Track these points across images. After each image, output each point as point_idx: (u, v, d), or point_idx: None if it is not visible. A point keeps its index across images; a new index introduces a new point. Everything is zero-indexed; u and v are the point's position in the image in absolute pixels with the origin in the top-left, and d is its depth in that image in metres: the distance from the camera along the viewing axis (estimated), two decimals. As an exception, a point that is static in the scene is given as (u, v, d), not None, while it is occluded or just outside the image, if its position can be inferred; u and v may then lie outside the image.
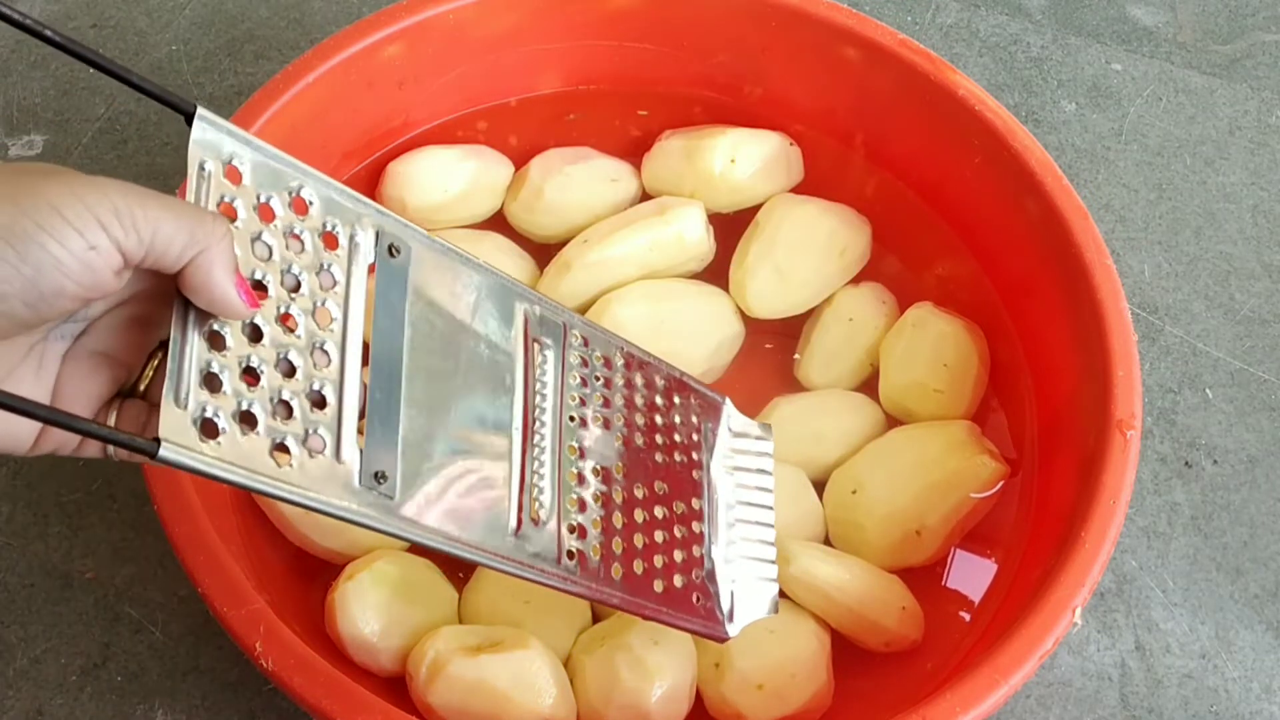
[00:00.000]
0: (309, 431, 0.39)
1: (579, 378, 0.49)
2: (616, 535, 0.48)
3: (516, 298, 0.48)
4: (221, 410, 0.36)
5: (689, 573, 0.51)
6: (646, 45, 0.71)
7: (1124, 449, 0.53)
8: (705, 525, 0.52)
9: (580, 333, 0.50)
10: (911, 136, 0.69)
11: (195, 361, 0.36)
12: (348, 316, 0.41)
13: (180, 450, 0.34)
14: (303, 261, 0.40)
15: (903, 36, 0.66)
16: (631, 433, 0.51)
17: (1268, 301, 0.76)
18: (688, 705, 0.55)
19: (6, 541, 0.64)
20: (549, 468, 0.47)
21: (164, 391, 0.35)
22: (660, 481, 0.51)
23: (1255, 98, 0.86)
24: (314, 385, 0.39)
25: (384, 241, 0.43)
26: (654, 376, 0.53)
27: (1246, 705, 0.62)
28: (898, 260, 0.71)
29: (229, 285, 0.35)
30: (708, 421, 0.55)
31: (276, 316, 0.39)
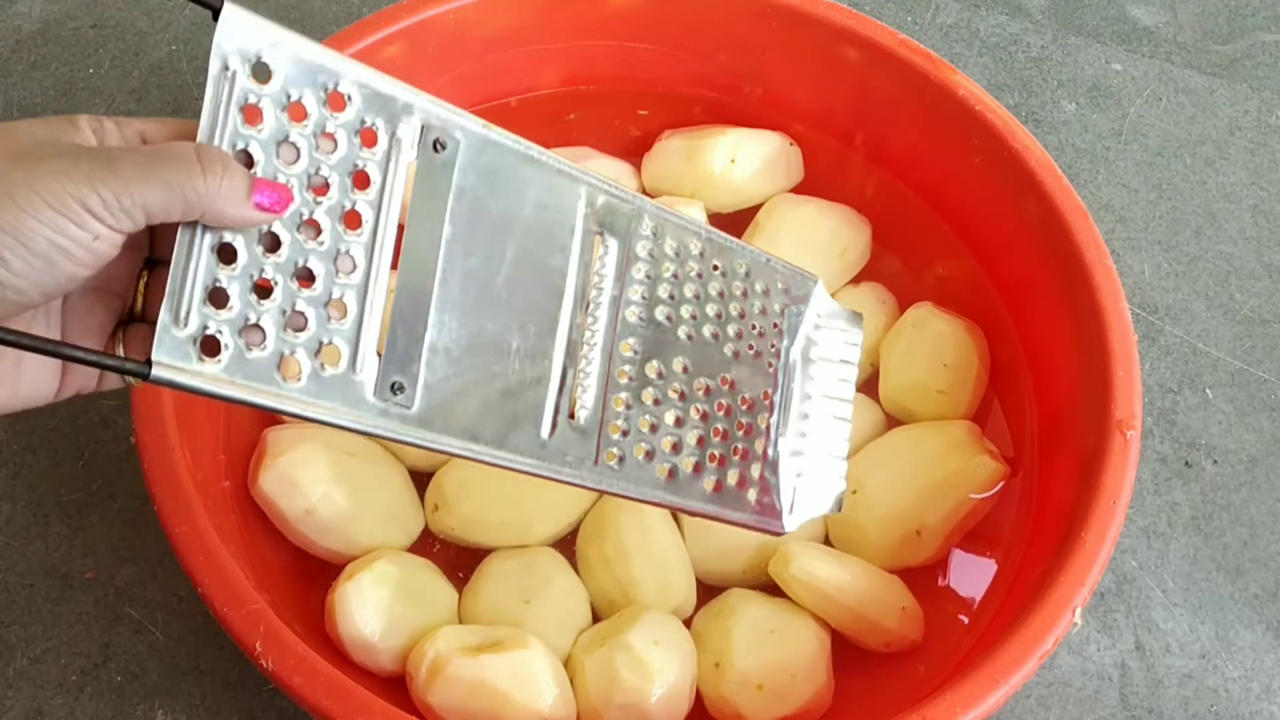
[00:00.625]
0: (323, 343, 0.37)
1: (645, 270, 0.46)
2: (667, 433, 0.46)
3: (581, 187, 0.45)
4: (226, 326, 0.35)
5: (747, 467, 0.49)
6: (646, 45, 0.71)
7: (1124, 449, 0.53)
8: (774, 416, 0.50)
9: (651, 221, 0.47)
10: (911, 136, 0.69)
11: (200, 278, 0.35)
12: (381, 219, 0.39)
13: (174, 370, 0.34)
14: (333, 162, 0.38)
15: (903, 36, 0.66)
16: (699, 325, 0.48)
17: (1268, 301, 0.76)
18: (688, 705, 0.55)
19: (6, 541, 0.64)
20: (598, 366, 0.44)
21: (162, 310, 0.34)
22: (728, 374, 0.49)
23: (1255, 98, 0.86)
24: (334, 293, 0.38)
25: (429, 136, 0.40)
26: (734, 262, 0.50)
27: (1246, 705, 0.62)
28: (898, 260, 0.71)
29: (244, 213, 0.35)
30: (793, 306, 0.52)
31: (299, 223, 0.37)
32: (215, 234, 0.35)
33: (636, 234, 0.46)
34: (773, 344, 0.51)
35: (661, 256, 0.47)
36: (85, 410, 0.67)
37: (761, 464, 0.49)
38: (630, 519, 0.59)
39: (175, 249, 0.35)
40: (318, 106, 0.38)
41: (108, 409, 0.67)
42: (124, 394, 0.63)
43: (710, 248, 0.49)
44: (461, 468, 0.61)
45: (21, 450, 0.66)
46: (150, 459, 0.51)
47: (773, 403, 0.50)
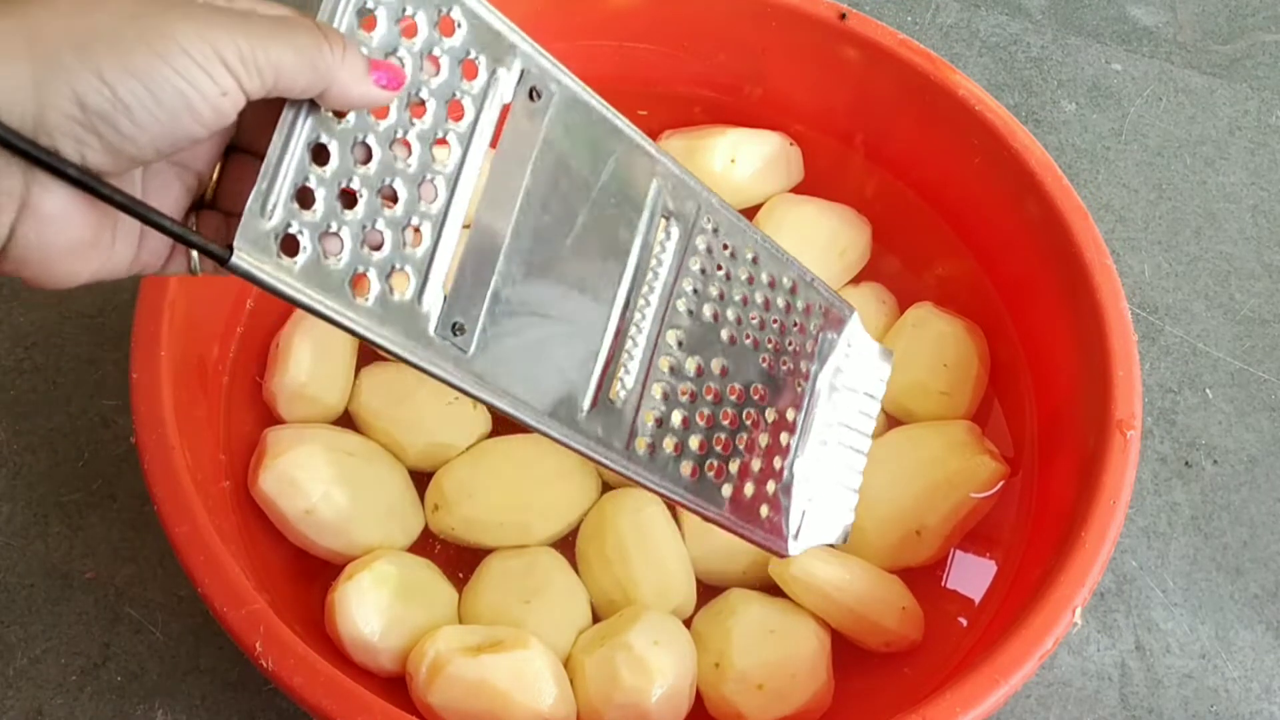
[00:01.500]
0: (395, 267, 0.37)
1: (700, 264, 0.46)
2: (697, 432, 0.46)
3: (656, 166, 0.44)
4: (308, 228, 0.35)
5: (764, 483, 0.49)
6: (646, 45, 0.71)
7: (1124, 449, 0.53)
8: (794, 438, 0.50)
9: (713, 218, 0.47)
10: (911, 136, 0.69)
11: (292, 173, 0.34)
12: (467, 155, 0.38)
13: (253, 262, 0.33)
14: (433, 86, 0.37)
15: (903, 36, 0.66)
16: (742, 330, 0.48)
17: (1268, 301, 0.76)
18: (688, 705, 0.55)
19: (6, 541, 0.64)
20: (642, 350, 0.44)
21: (250, 198, 0.33)
22: (759, 384, 0.49)
23: (1255, 98, 0.86)
24: (413, 219, 0.37)
25: (527, 82, 0.40)
26: (782, 275, 0.50)
27: (1246, 705, 0.62)
28: (898, 260, 0.71)
29: (367, 89, 0.34)
30: (828, 332, 0.52)
31: (392, 139, 0.37)
32: (314, 130, 0.35)
33: (699, 226, 0.46)
34: (804, 365, 0.51)
35: (718, 253, 0.47)
36: (85, 410, 0.67)
37: (777, 483, 0.49)
38: (630, 519, 0.59)
39: (274, 137, 0.34)
40: (428, 27, 0.37)
41: (108, 409, 0.67)
42: (124, 394, 0.63)
43: (764, 255, 0.49)
44: (462, 468, 0.61)
45: (21, 450, 0.66)
46: (150, 459, 0.51)
47: (795, 423, 0.50)
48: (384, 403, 0.62)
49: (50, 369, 0.69)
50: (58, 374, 0.69)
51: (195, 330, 0.58)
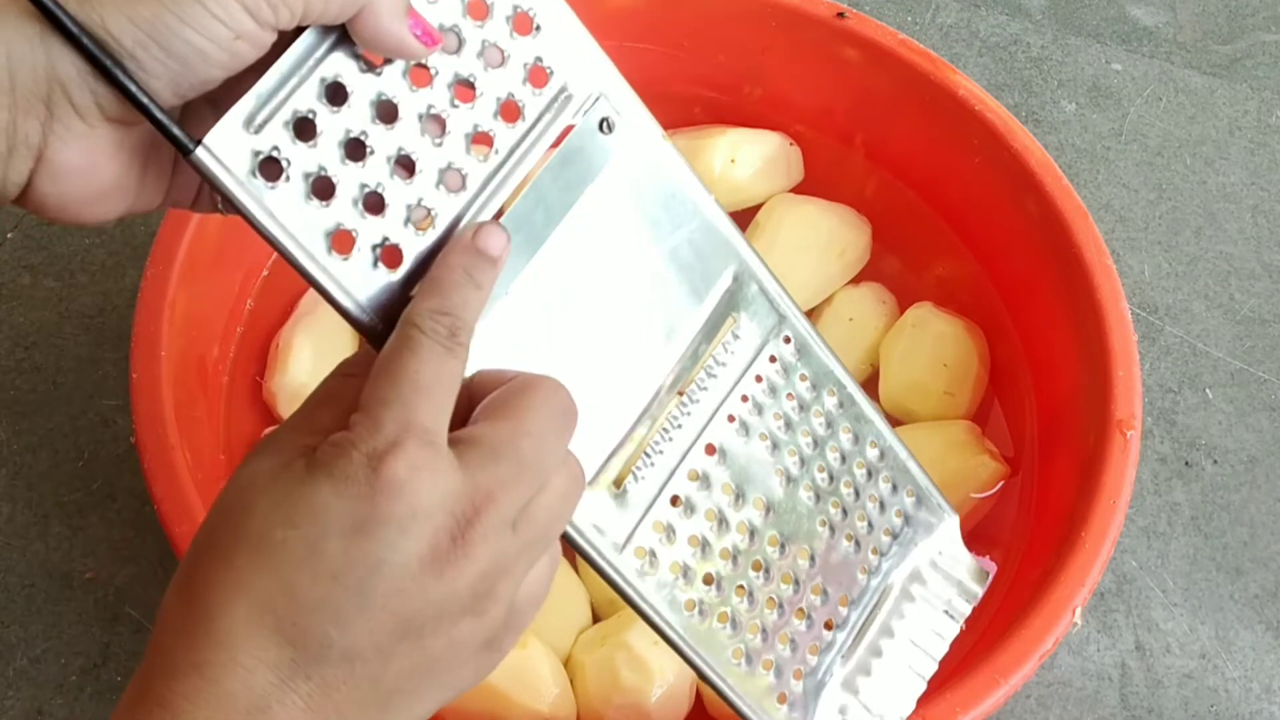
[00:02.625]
0: (388, 241, 0.33)
1: (769, 382, 0.40)
2: (714, 563, 0.39)
3: (739, 258, 0.39)
4: (296, 160, 0.31)
5: (787, 670, 0.41)
6: (646, 45, 0.71)
7: (1124, 449, 0.53)
8: (843, 634, 0.42)
9: (796, 339, 0.41)
10: (911, 136, 0.69)
11: (295, 97, 0.31)
12: (509, 163, 0.35)
13: (219, 167, 0.30)
14: (489, 77, 0.34)
15: (903, 36, 0.66)
16: (802, 474, 0.41)
17: (1268, 301, 0.76)
18: (688, 705, 0.55)
19: (6, 541, 0.64)
20: (673, 449, 0.38)
21: (237, 104, 0.31)
22: (809, 549, 0.41)
23: (1255, 98, 0.86)
24: (426, 202, 0.34)
25: (600, 111, 0.36)
26: (867, 438, 0.43)
27: (1246, 705, 0.62)
28: (898, 260, 0.71)
29: (401, 29, 0.32)
30: (915, 527, 0.45)
31: (424, 113, 0.33)
32: (335, 65, 0.32)
33: (777, 340, 0.41)
34: (873, 552, 0.43)
35: (794, 378, 0.41)
36: (85, 410, 0.67)
37: (804, 676, 0.42)
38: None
39: (285, 54, 0.31)
40: (503, 19, 0.34)
41: (108, 409, 0.67)
42: (124, 394, 0.63)
43: (852, 405, 0.43)
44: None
45: (21, 450, 0.66)
46: (150, 459, 0.51)
47: (846, 618, 0.43)
48: (384, 403, 0.62)
49: (50, 369, 0.69)
50: (58, 374, 0.69)
51: (195, 330, 0.58)
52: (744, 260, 0.39)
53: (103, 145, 0.31)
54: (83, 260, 0.73)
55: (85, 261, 0.73)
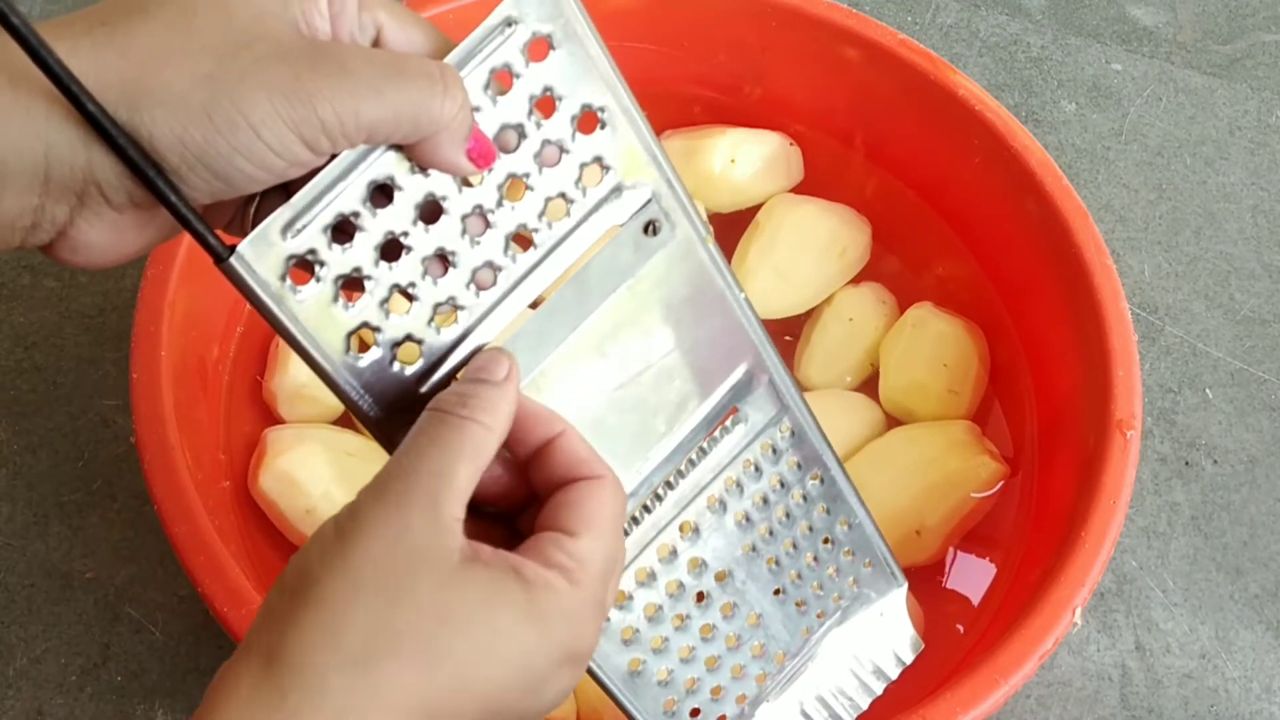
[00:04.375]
0: (407, 338, 0.33)
1: (755, 466, 0.42)
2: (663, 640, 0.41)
3: (753, 354, 0.40)
4: (329, 265, 0.31)
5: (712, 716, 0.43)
6: (646, 45, 0.71)
7: (1124, 449, 0.53)
8: (771, 683, 0.45)
9: (796, 429, 0.42)
10: (911, 136, 0.69)
11: (338, 203, 0.30)
12: (547, 257, 0.34)
13: (250, 276, 0.30)
14: (543, 175, 0.33)
15: (903, 36, 0.66)
16: (766, 549, 0.43)
17: (1268, 301, 0.76)
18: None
19: (6, 541, 0.64)
20: (645, 530, 0.40)
21: (276, 212, 0.30)
22: (758, 617, 0.43)
23: (1255, 98, 0.86)
24: (455, 299, 0.33)
25: (648, 213, 0.35)
26: (838, 514, 0.45)
27: (1246, 705, 0.62)
28: (898, 260, 0.71)
29: (458, 156, 0.31)
30: (866, 589, 0.47)
31: (469, 212, 0.32)
32: (385, 167, 0.31)
33: (774, 427, 0.41)
34: (819, 611, 0.45)
35: (784, 461, 0.42)
36: (85, 410, 0.67)
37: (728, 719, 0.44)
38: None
39: (335, 161, 0.30)
40: (569, 115, 0.33)
41: (108, 409, 0.67)
42: (124, 394, 0.63)
43: (832, 483, 0.44)
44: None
45: (21, 450, 0.66)
46: (150, 459, 0.51)
47: (778, 670, 0.45)
48: (384, 403, 0.62)
49: (50, 369, 0.69)
50: (58, 374, 0.69)
51: (195, 330, 0.58)
52: (759, 355, 0.40)
53: (130, 224, 0.30)
54: (83, 260, 0.73)
55: (85, 261, 0.73)
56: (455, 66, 0.31)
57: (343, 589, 0.28)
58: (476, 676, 0.28)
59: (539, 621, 0.29)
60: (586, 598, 0.30)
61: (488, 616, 0.29)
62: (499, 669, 0.29)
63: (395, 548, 0.29)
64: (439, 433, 0.30)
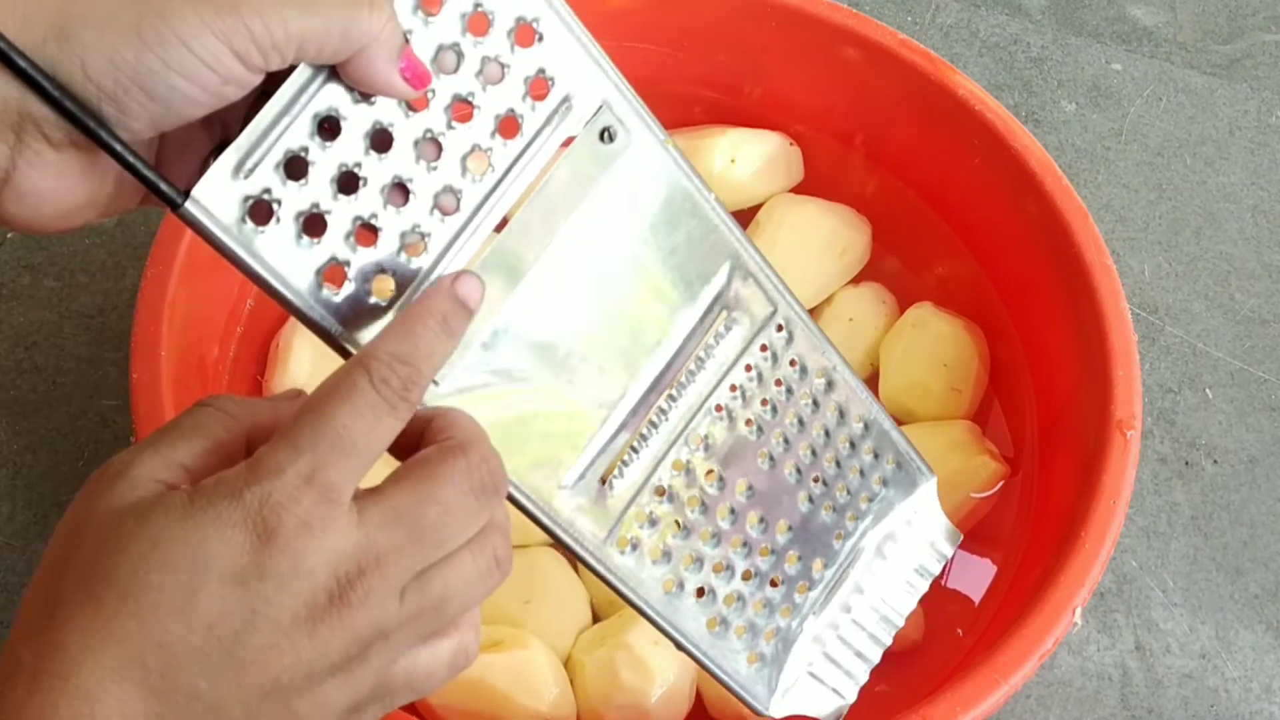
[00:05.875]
0: (382, 269, 0.33)
1: (757, 370, 0.41)
2: (695, 556, 0.41)
3: (735, 254, 0.40)
4: (287, 201, 0.31)
5: (759, 633, 0.43)
6: (646, 45, 0.71)
7: (1124, 449, 0.53)
8: (815, 594, 0.44)
9: (789, 327, 0.42)
10: (911, 136, 0.69)
11: (286, 138, 0.31)
12: (506, 180, 0.34)
13: (209, 216, 0.30)
14: (489, 94, 0.33)
15: (903, 36, 0.66)
16: (785, 457, 0.42)
17: (1268, 301, 0.76)
18: (688, 705, 0.55)
19: (6, 541, 0.64)
20: (658, 442, 0.39)
21: (224, 153, 0.30)
22: (788, 522, 0.43)
23: (1255, 98, 0.86)
24: (421, 226, 0.33)
25: (601, 120, 0.36)
26: (853, 413, 0.44)
27: (1246, 705, 0.62)
28: (898, 260, 0.71)
29: (391, 73, 0.31)
30: (893, 490, 0.46)
31: (420, 137, 0.33)
32: (328, 98, 0.31)
33: (766, 329, 0.41)
34: (850, 519, 0.45)
35: (783, 364, 0.42)
36: (85, 410, 0.67)
37: (776, 637, 0.43)
38: (630, 519, 0.59)
39: (276, 94, 0.30)
40: (504, 31, 0.33)
41: (107, 409, 0.67)
42: (124, 394, 0.63)
43: (840, 383, 0.44)
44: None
45: (21, 450, 0.66)
46: (150, 459, 0.51)
47: (819, 579, 0.44)
48: (384, 403, 0.62)
49: (50, 369, 0.69)
50: (58, 374, 0.69)
51: (195, 330, 0.58)
52: (740, 255, 0.40)
53: (73, 168, 0.30)
54: (83, 260, 0.73)
55: (85, 261, 0.73)
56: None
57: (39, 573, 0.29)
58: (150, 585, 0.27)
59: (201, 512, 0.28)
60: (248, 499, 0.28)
61: (140, 528, 0.28)
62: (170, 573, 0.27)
63: (72, 515, 0.29)
64: (176, 418, 0.31)
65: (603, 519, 0.39)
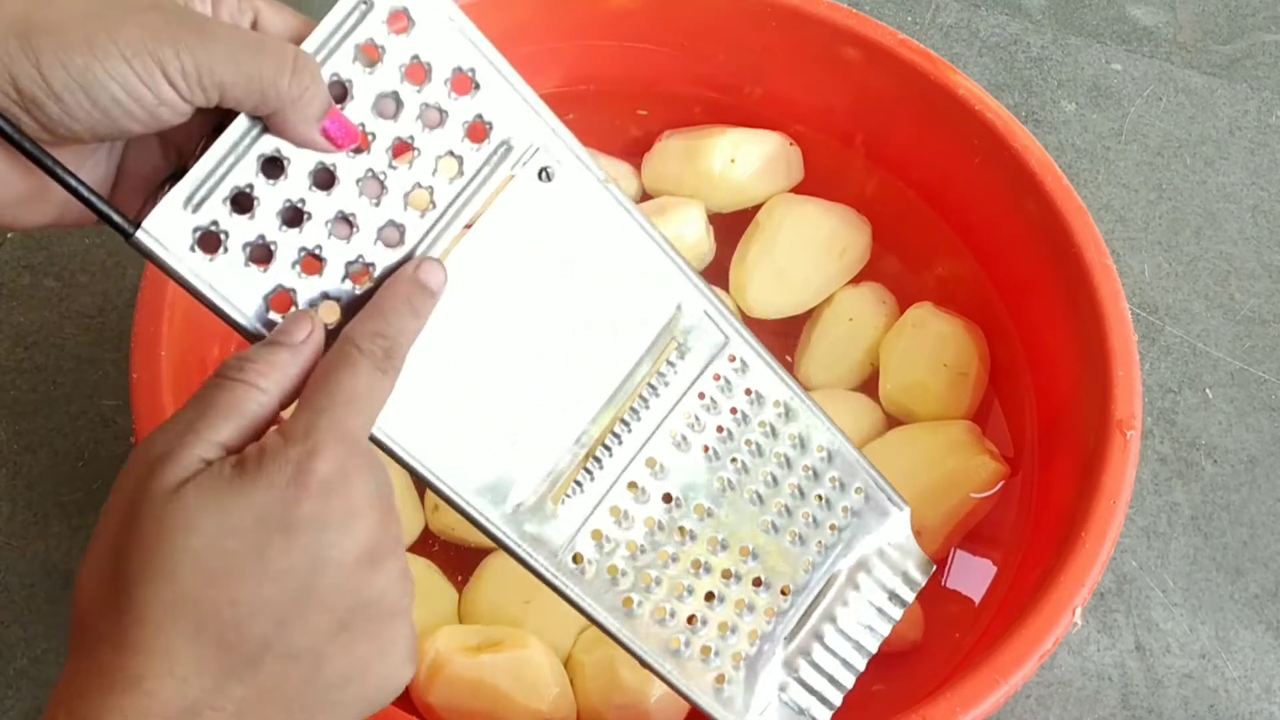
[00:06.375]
0: (327, 296, 0.35)
1: (711, 399, 0.42)
2: (653, 578, 0.42)
3: (678, 290, 0.41)
4: (234, 233, 0.33)
5: (723, 655, 0.44)
6: (646, 45, 0.71)
7: (1124, 449, 0.53)
8: (786, 620, 0.45)
9: (743, 357, 0.43)
10: (911, 136, 0.69)
11: (232, 176, 0.33)
12: (448, 215, 0.36)
13: (160, 246, 0.33)
14: (428, 137, 0.36)
15: (903, 36, 0.66)
16: (743, 483, 0.43)
17: (1268, 301, 0.76)
18: (687, 705, 0.55)
19: (6, 541, 0.64)
20: (612, 467, 0.41)
21: (175, 188, 0.33)
22: (752, 544, 0.44)
23: (1255, 98, 0.86)
24: (363, 257, 0.35)
25: (539, 161, 0.38)
26: (814, 442, 0.45)
27: (1246, 705, 0.62)
28: (898, 260, 0.71)
29: (311, 133, 0.34)
30: (865, 518, 0.46)
31: (362, 176, 0.35)
32: (272, 143, 0.34)
33: (720, 357, 0.42)
34: (819, 542, 0.45)
35: (737, 393, 0.43)
36: (85, 410, 0.67)
37: (743, 657, 0.44)
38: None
39: (223, 135, 0.33)
40: (441, 80, 0.35)
41: (108, 409, 0.67)
42: (124, 394, 0.63)
43: (800, 411, 0.44)
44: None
45: (21, 450, 0.66)
46: (150, 459, 0.51)
47: (787, 604, 0.45)
48: (384, 403, 0.62)
49: (50, 369, 0.69)
50: (58, 374, 0.69)
51: (195, 330, 0.58)
52: (687, 290, 0.41)
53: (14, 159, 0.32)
54: (83, 260, 0.73)
55: (85, 261, 0.73)
56: (320, 43, 0.34)
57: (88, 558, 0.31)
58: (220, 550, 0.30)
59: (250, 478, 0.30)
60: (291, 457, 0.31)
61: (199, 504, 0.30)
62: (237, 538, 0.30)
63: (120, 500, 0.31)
64: (204, 392, 0.33)
65: (556, 535, 0.40)
